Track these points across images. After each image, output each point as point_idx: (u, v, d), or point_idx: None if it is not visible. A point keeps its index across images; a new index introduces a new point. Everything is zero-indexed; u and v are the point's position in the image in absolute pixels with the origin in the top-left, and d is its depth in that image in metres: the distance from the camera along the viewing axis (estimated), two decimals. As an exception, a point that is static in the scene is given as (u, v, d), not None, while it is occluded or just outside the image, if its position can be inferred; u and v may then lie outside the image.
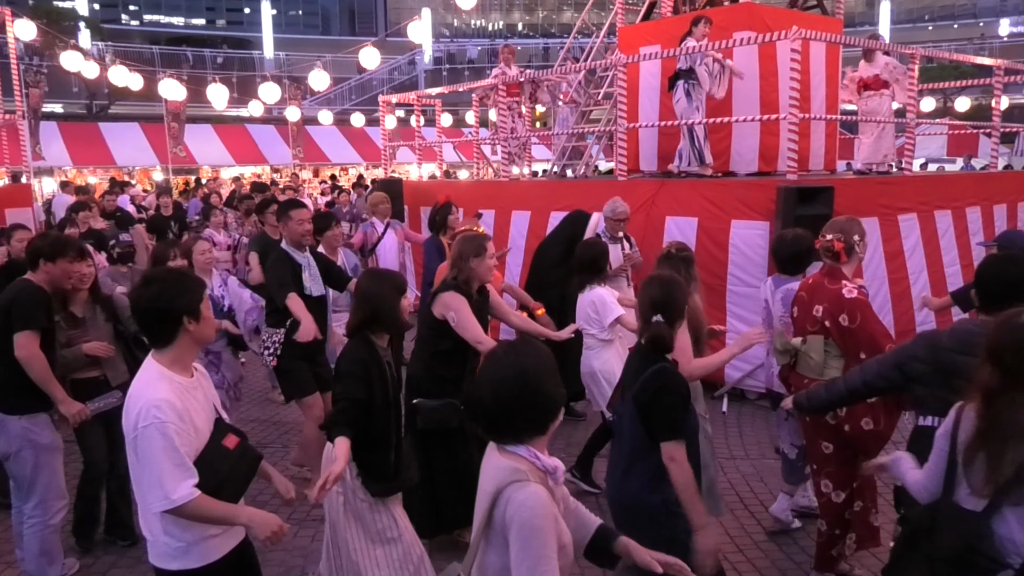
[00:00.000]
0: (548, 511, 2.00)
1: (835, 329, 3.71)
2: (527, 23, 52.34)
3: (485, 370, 2.14)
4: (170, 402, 2.39)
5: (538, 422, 2.10)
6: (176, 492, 2.34)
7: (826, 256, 3.87)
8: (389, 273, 3.65)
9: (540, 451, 2.11)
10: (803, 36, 6.75)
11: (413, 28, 13.42)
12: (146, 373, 2.49)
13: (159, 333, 2.51)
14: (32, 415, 3.69)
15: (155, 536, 2.49)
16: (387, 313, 3.32)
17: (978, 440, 2.31)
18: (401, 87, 34.45)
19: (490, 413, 2.09)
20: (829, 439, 3.78)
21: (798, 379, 3.95)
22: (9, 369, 3.62)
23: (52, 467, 3.73)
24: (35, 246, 3.95)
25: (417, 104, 12.41)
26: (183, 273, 2.66)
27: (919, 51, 8.49)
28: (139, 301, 2.51)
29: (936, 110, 19.31)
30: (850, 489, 3.81)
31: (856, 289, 3.71)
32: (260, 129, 26.12)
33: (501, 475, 2.04)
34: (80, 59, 14.36)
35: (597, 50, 11.72)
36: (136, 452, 2.39)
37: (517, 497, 1.99)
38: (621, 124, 8.18)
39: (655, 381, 2.93)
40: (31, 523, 3.64)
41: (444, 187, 11.54)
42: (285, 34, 45.23)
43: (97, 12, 41.28)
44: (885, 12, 42.88)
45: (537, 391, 2.06)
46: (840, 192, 6.45)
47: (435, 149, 13.12)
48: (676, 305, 3.06)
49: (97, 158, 23.06)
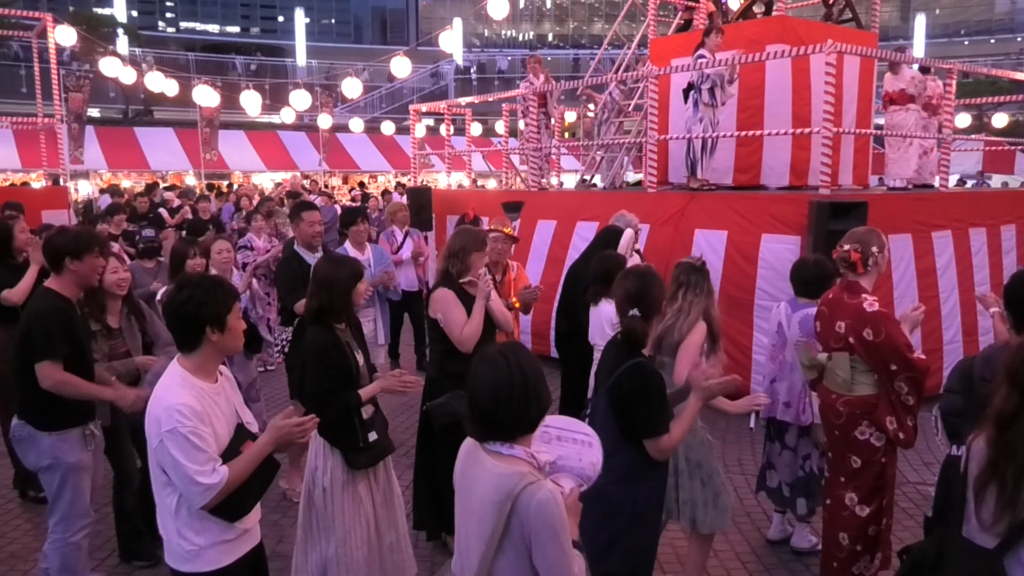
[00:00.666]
0: (563, 508, 2.04)
1: (859, 344, 3.63)
2: (557, 34, 52.48)
3: (480, 372, 2.14)
4: (190, 406, 2.42)
5: (533, 422, 2.14)
6: (208, 479, 2.40)
7: (843, 266, 3.80)
8: (347, 258, 3.69)
9: (530, 447, 2.14)
10: (837, 49, 6.69)
11: (444, 38, 13.51)
12: (169, 378, 2.52)
13: (184, 338, 2.55)
14: (61, 432, 3.56)
15: (169, 536, 2.53)
16: (339, 298, 3.36)
17: (989, 470, 2.15)
18: (431, 96, 34.67)
19: (487, 414, 2.11)
20: (859, 454, 3.71)
21: (826, 394, 3.90)
22: (37, 387, 3.50)
23: (78, 486, 3.62)
24: (57, 244, 3.59)
25: (447, 113, 12.46)
26: (218, 282, 2.63)
27: (956, 66, 8.37)
28: (170, 304, 2.56)
29: (972, 126, 19.02)
30: (877, 505, 3.74)
31: (876, 302, 3.65)
32: (291, 136, 26.41)
33: (509, 482, 2.04)
34: (118, 65, 14.62)
35: (628, 62, 11.71)
36: (162, 456, 2.43)
37: (537, 499, 2.00)
38: (652, 136, 8.15)
39: (631, 377, 2.88)
40: (53, 538, 3.61)
41: (472, 196, 11.58)
42: (318, 42, 45.74)
43: (135, 19, 42.04)
44: (920, 26, 42.44)
45: (535, 392, 2.11)
46: (874, 207, 6.36)
47: (464, 158, 13.17)
48: (653, 298, 3.00)
49: (132, 162, 23.46)
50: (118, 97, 28.48)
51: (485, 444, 2.15)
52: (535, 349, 7.87)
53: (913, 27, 42.91)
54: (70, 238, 3.63)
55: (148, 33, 39.18)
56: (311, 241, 5.25)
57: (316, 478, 3.36)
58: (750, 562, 4.43)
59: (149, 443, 2.47)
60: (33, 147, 15.08)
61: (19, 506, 5.08)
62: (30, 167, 20.00)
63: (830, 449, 3.96)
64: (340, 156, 25.88)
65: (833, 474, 3.92)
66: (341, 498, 3.34)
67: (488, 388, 2.10)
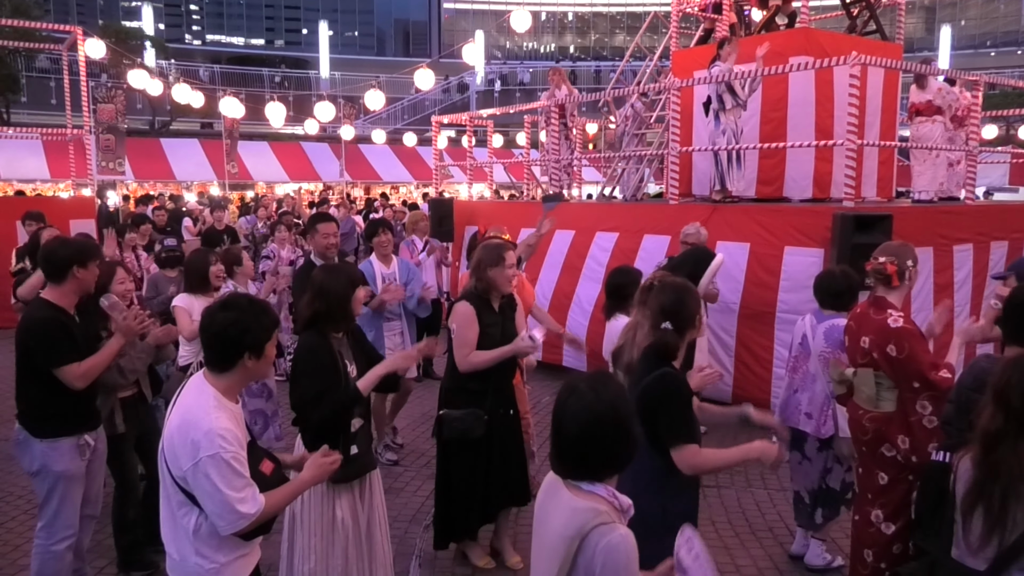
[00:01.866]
0: (636, 555, 1.93)
1: (883, 360, 3.59)
2: (579, 46, 52.59)
3: (567, 404, 2.02)
4: (231, 431, 2.40)
5: (621, 461, 2.02)
6: (247, 508, 2.38)
7: (877, 279, 3.74)
8: (345, 266, 3.70)
9: (614, 489, 2.04)
10: (862, 61, 6.65)
11: (467, 50, 13.60)
12: (203, 398, 2.45)
13: (219, 359, 2.50)
14: (53, 440, 3.55)
15: (184, 556, 2.47)
16: (338, 307, 3.34)
17: (975, 491, 2.12)
18: (453, 108, 34.84)
19: (573, 449, 1.99)
20: (886, 470, 3.67)
21: (853, 409, 3.85)
22: (33, 395, 3.59)
23: (65, 495, 3.59)
24: (63, 255, 3.60)
25: (469, 125, 12.53)
26: (263, 308, 2.59)
27: (983, 77, 8.29)
28: (211, 322, 2.50)
29: (998, 138, 18.79)
30: (903, 523, 3.67)
31: (901, 317, 3.59)
32: (314, 147, 26.64)
33: (581, 517, 1.94)
34: (146, 77, 14.86)
35: (650, 73, 11.71)
36: (196, 480, 2.36)
37: (608, 541, 1.90)
38: (674, 148, 8.14)
39: (658, 386, 2.84)
40: (36, 543, 3.62)
41: (493, 207, 11.61)
42: (341, 54, 46.16)
43: (162, 32, 42.66)
44: (946, 38, 42.02)
45: (625, 429, 1.99)
46: (899, 220, 6.31)
47: (485, 170, 13.22)
48: (688, 313, 2.97)
49: (158, 172, 23.78)
50: (145, 108, 28.87)
51: (567, 479, 2.05)
52: (546, 358, 7.87)
53: (938, 38, 42.51)
54: (75, 248, 3.68)
55: (175, 46, 39.73)
56: (326, 252, 5.33)
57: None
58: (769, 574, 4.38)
59: (175, 463, 2.40)
60: (62, 158, 15.35)
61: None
62: (59, 177, 20.34)
63: (859, 465, 3.91)
64: (362, 167, 26.06)
65: (861, 490, 3.88)
66: (320, 512, 3.30)
67: (577, 423, 1.98)
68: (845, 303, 4.36)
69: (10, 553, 4.61)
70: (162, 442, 2.48)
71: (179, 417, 2.44)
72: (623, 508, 2.02)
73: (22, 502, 5.27)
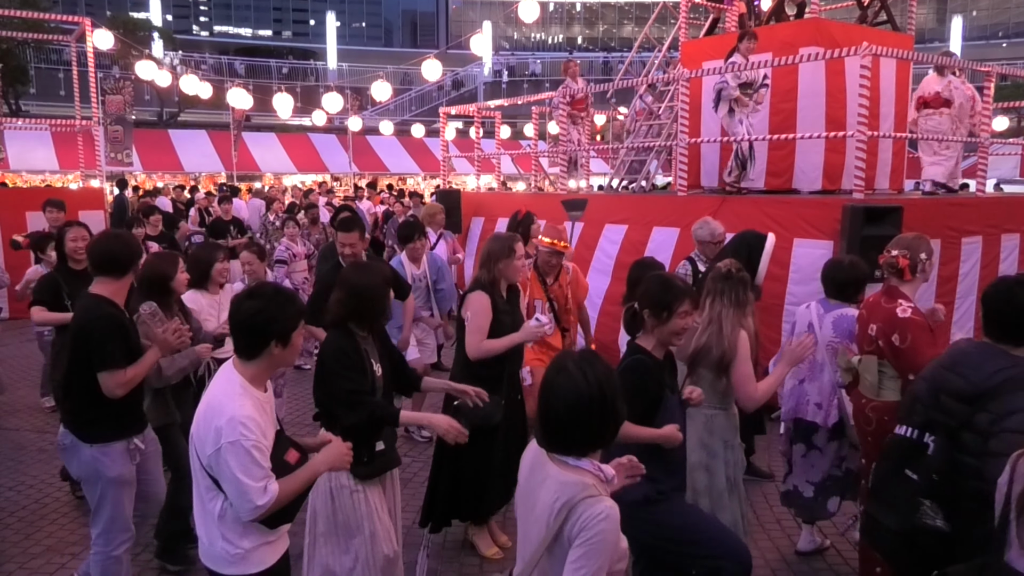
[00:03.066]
0: (618, 528, 2.01)
1: (888, 349, 3.62)
2: (587, 37, 52.39)
3: (555, 383, 2.09)
4: (254, 419, 2.42)
5: (607, 437, 2.11)
6: (261, 499, 2.40)
7: (889, 272, 3.76)
8: (377, 265, 3.64)
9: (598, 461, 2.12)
10: (873, 52, 6.60)
11: (475, 41, 13.55)
12: (229, 385, 2.49)
13: (246, 347, 2.53)
14: (104, 444, 3.45)
15: (212, 540, 2.53)
16: (373, 306, 3.29)
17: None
18: (461, 99, 34.80)
19: (562, 427, 2.06)
20: None
21: (857, 398, 3.88)
22: (82, 397, 3.44)
23: (118, 500, 3.51)
24: (115, 251, 3.52)
25: (477, 116, 12.51)
26: (290, 297, 2.60)
27: (994, 68, 8.22)
28: (238, 311, 2.51)
29: (1009, 129, 18.67)
30: None
31: (911, 308, 3.61)
32: (322, 138, 26.67)
33: (570, 490, 2.02)
34: (154, 68, 14.87)
35: (659, 64, 11.66)
36: (218, 466, 2.41)
37: (593, 511, 1.98)
38: (682, 139, 8.11)
39: (622, 370, 2.98)
40: (94, 550, 3.55)
41: (501, 199, 11.60)
42: (349, 45, 46.13)
43: (170, 23, 42.69)
44: (957, 28, 41.71)
45: (612, 406, 2.06)
46: (909, 212, 6.27)
47: (493, 161, 13.20)
48: (645, 289, 3.12)
49: (166, 164, 23.86)
50: (153, 100, 28.93)
51: (553, 453, 2.12)
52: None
53: (949, 29, 42.20)
54: (129, 244, 3.60)
55: (183, 37, 39.76)
56: (343, 262, 5.15)
57: (335, 483, 3.26)
58: (780, 570, 4.37)
59: (202, 448, 2.45)
60: (71, 149, 15.40)
61: (57, 500, 5.17)
62: (67, 168, 20.41)
63: (864, 456, 3.92)
64: (370, 158, 26.07)
65: (866, 483, 3.84)
66: (352, 504, 3.25)
67: (564, 402, 2.05)
68: (850, 295, 4.33)
69: (21, 542, 4.63)
70: (192, 427, 2.52)
71: (205, 403, 2.49)
72: (608, 479, 2.12)
73: (33, 491, 5.32)
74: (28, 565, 4.35)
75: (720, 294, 3.60)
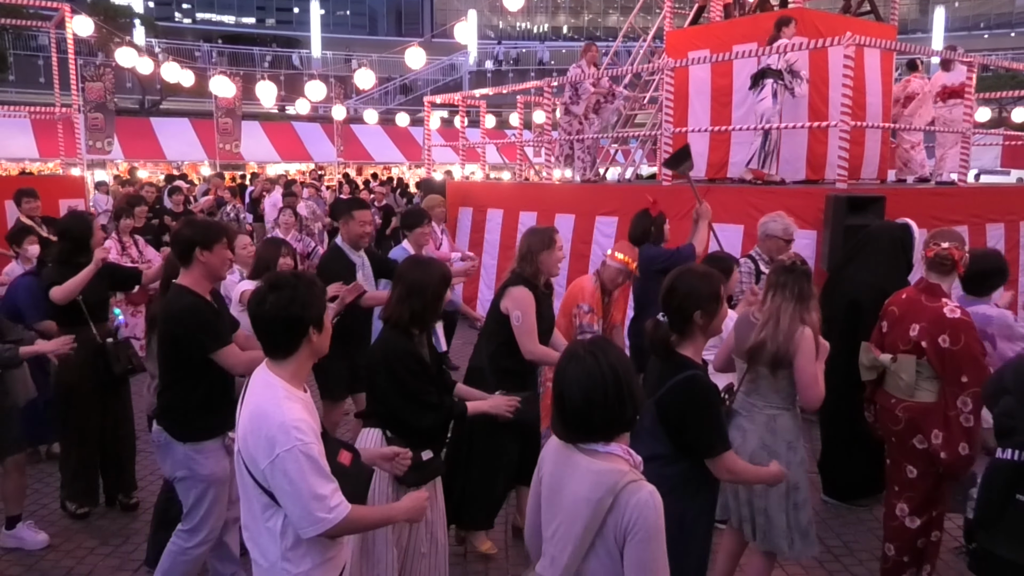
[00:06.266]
0: (663, 511, 1.99)
1: (932, 350, 3.47)
2: (572, 26, 52.24)
3: (568, 371, 2.06)
4: (307, 421, 2.24)
5: (628, 419, 2.07)
6: (333, 511, 2.21)
7: (937, 267, 3.62)
8: (435, 260, 3.49)
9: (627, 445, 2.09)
10: (856, 42, 6.62)
11: (459, 29, 13.47)
12: (270, 390, 2.28)
13: (282, 343, 2.33)
14: (196, 443, 3.36)
15: (271, 562, 2.31)
16: (431, 305, 3.17)
17: None
18: (446, 88, 34.64)
19: (580, 416, 2.04)
20: (915, 463, 3.62)
21: (885, 398, 3.76)
22: (177, 394, 3.38)
23: (215, 500, 3.42)
24: (187, 235, 3.43)
25: (462, 105, 12.46)
26: (311, 279, 2.42)
27: (977, 59, 8.28)
28: (265, 307, 2.29)
29: (991, 120, 18.81)
30: (928, 517, 3.66)
31: (959, 308, 3.48)
32: (306, 127, 26.48)
33: (609, 478, 1.99)
34: (134, 55, 14.68)
35: (644, 54, 11.64)
36: (275, 478, 2.19)
37: (639, 499, 1.96)
38: (667, 128, 8.11)
39: (679, 393, 2.69)
40: (174, 542, 3.45)
41: (487, 188, 11.57)
42: (333, 34, 45.77)
43: (152, 10, 42.18)
44: (939, 19, 41.95)
45: (629, 390, 2.04)
46: (892, 202, 6.32)
47: (478, 150, 13.15)
48: (679, 303, 2.77)
49: (148, 152, 23.60)
50: (135, 87, 28.61)
51: (578, 443, 2.09)
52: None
53: (932, 20, 42.42)
54: (200, 228, 3.47)
55: (165, 24, 39.31)
56: (358, 241, 5.05)
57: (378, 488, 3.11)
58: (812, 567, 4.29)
59: (253, 464, 2.24)
60: (51, 136, 15.19)
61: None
62: (48, 156, 20.16)
63: (888, 456, 3.83)
64: (354, 147, 25.92)
65: (889, 483, 3.81)
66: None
67: (580, 389, 2.03)
68: (988, 288, 4.10)
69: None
70: (237, 444, 2.34)
71: (249, 416, 2.28)
72: (637, 464, 2.07)
73: (53, 480, 5.24)
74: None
75: (782, 287, 3.35)
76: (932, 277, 3.64)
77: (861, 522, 4.86)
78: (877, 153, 9.10)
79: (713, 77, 9.12)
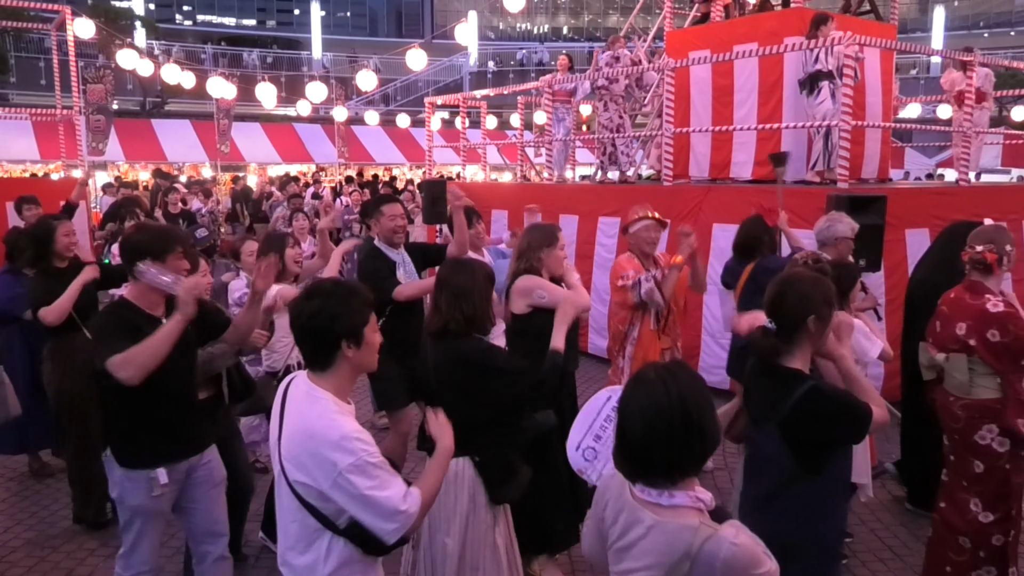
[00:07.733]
0: (755, 550, 1.77)
1: (982, 346, 3.50)
2: (572, 27, 52.23)
3: (633, 396, 1.84)
4: (363, 430, 2.16)
5: (696, 462, 1.82)
6: (408, 507, 2.13)
7: (976, 268, 3.64)
8: (476, 261, 3.34)
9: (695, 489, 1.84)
10: (857, 41, 6.63)
11: (460, 30, 13.49)
12: (318, 404, 2.18)
13: (316, 355, 2.23)
14: (130, 470, 3.09)
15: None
16: (481, 308, 3.00)
17: None
18: (446, 89, 34.64)
19: (641, 447, 1.80)
20: (981, 458, 3.63)
21: (943, 396, 3.78)
22: (110, 411, 3.15)
23: (142, 532, 3.15)
24: (135, 242, 3.09)
25: (463, 106, 12.47)
26: (352, 289, 2.29)
27: (977, 58, 8.28)
28: (298, 315, 2.22)
29: (991, 119, 18.78)
30: (1003, 513, 3.65)
31: (1001, 302, 3.51)
32: (307, 128, 26.49)
33: (679, 539, 1.76)
34: (135, 57, 14.71)
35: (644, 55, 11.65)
36: (344, 495, 2.11)
37: (723, 558, 1.73)
38: (668, 129, 8.12)
39: (814, 409, 2.42)
40: (116, 571, 3.24)
41: (490, 189, 11.58)
42: (333, 35, 45.78)
43: (152, 12, 42.19)
44: (939, 18, 41.91)
45: (699, 426, 1.78)
46: (893, 201, 6.32)
47: (479, 151, 13.15)
48: (789, 308, 2.53)
49: (149, 154, 23.62)
50: (135, 89, 28.62)
51: (636, 488, 1.85)
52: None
53: (932, 19, 42.38)
54: (151, 236, 3.12)
55: (165, 26, 39.31)
56: (392, 237, 4.72)
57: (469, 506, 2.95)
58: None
59: (315, 483, 2.13)
60: (52, 138, 15.22)
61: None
62: (49, 158, 20.18)
63: (951, 452, 3.82)
64: (355, 148, 25.94)
65: (954, 477, 3.79)
66: (481, 540, 2.95)
67: (642, 417, 1.79)
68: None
69: (48, 541, 4.60)
70: (280, 466, 2.23)
71: (300, 435, 2.17)
72: (709, 505, 1.83)
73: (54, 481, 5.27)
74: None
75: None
76: (974, 275, 3.67)
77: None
78: (877, 153, 9.11)
79: (714, 77, 9.13)
